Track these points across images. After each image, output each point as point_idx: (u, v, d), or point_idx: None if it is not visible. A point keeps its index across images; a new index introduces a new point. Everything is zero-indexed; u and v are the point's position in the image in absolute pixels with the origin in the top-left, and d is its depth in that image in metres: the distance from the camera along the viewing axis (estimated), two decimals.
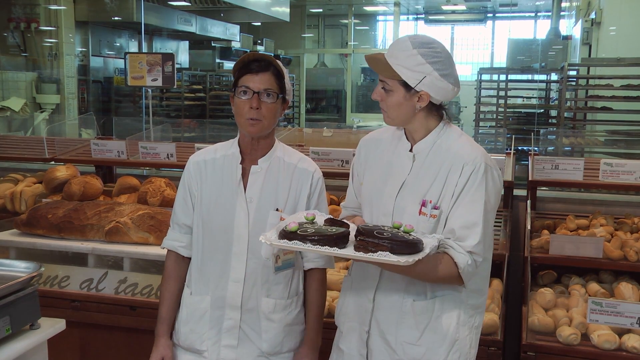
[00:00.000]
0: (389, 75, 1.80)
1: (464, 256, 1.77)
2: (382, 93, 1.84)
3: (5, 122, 8.11)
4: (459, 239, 1.78)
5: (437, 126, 1.88)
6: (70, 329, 2.26)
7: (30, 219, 3.18)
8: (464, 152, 1.83)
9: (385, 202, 1.90)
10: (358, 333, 1.95)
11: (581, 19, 9.10)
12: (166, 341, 2.08)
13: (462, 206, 1.79)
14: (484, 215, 1.78)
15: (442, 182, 1.82)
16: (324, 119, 14.51)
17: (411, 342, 1.86)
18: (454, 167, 1.81)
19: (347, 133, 6.53)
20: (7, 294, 1.96)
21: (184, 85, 10.88)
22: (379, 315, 1.90)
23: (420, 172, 1.86)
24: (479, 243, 1.78)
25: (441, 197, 1.82)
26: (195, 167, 2.08)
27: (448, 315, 1.86)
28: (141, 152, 3.79)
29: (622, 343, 2.45)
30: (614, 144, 7.25)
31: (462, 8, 15.76)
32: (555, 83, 9.61)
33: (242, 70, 1.96)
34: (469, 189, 1.79)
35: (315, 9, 15.47)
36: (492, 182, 1.82)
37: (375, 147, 2.01)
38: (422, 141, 1.88)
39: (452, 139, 1.87)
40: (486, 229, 1.80)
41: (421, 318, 1.85)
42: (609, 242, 2.93)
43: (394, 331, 1.87)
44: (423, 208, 1.82)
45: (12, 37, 8.81)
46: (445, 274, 1.77)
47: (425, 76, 1.77)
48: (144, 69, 4.76)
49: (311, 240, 1.63)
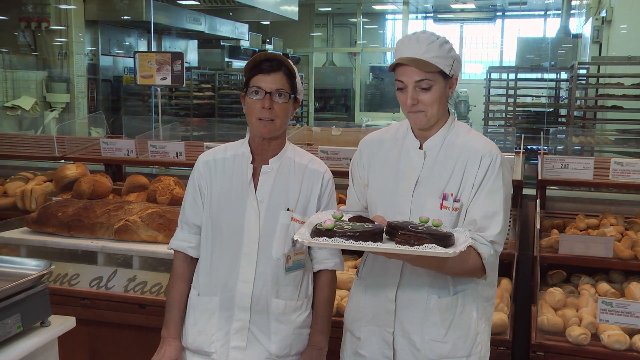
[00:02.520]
0: (432, 69, 1.81)
1: (487, 247, 1.80)
2: (417, 96, 1.82)
3: (16, 121, 8.17)
4: (481, 229, 1.81)
5: (445, 122, 1.91)
6: (80, 326, 2.27)
7: (41, 217, 3.20)
8: (480, 145, 1.87)
9: (401, 201, 1.89)
10: (380, 336, 1.92)
11: (591, 17, 9.04)
12: (176, 343, 2.04)
13: (482, 197, 1.83)
14: (504, 205, 1.82)
15: (460, 175, 1.85)
16: (333, 118, 14.49)
17: (438, 339, 1.86)
18: (471, 160, 1.85)
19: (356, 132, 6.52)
20: (19, 292, 1.98)
21: (193, 84, 10.91)
22: (403, 315, 1.88)
23: (435, 167, 1.88)
24: (501, 232, 1.82)
25: (461, 190, 1.84)
26: (205, 166, 2.07)
27: (469, 309, 1.88)
28: (150, 151, 3.80)
29: (632, 343, 2.44)
30: (624, 143, 7.20)
31: (472, 6, 15.69)
32: (565, 82, 9.56)
33: (253, 70, 1.96)
34: (488, 179, 1.83)
35: (324, 8, 15.46)
36: (507, 172, 1.88)
37: (379, 148, 2.00)
38: (432, 138, 1.90)
39: (462, 134, 1.91)
40: (506, 217, 1.84)
41: (446, 315, 1.86)
42: (619, 242, 2.91)
43: (419, 330, 1.86)
44: (444, 201, 1.84)
45: (22, 36, 8.87)
46: (473, 266, 1.79)
47: (454, 60, 1.84)
48: (153, 68, 4.77)
49: (352, 237, 1.60)
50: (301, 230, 1.70)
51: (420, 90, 1.82)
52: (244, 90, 1.99)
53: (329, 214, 1.79)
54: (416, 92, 1.83)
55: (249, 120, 1.99)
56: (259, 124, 1.96)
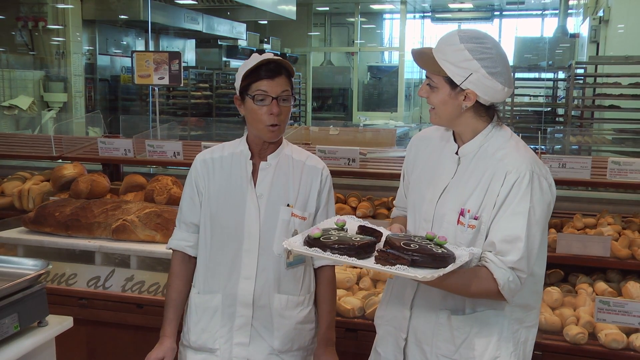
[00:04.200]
0: (434, 70, 1.69)
1: (505, 272, 1.65)
2: (427, 89, 1.74)
3: (13, 121, 8.15)
4: (500, 253, 1.66)
5: (485, 128, 1.76)
6: (77, 326, 2.27)
7: (38, 216, 3.19)
8: (509, 159, 1.70)
9: (427, 208, 1.81)
10: (394, 338, 1.90)
11: (589, 16, 9.05)
12: (172, 343, 2.05)
13: (504, 219, 1.67)
14: (527, 229, 1.65)
15: (483, 190, 1.71)
16: (331, 118, 14.49)
17: (447, 355, 1.78)
18: (496, 175, 1.69)
19: (354, 131, 6.53)
20: (16, 292, 1.97)
21: (191, 84, 10.89)
22: (416, 324, 1.84)
23: (464, 177, 1.76)
24: (522, 259, 1.65)
25: (482, 207, 1.70)
26: (202, 164, 2.07)
27: (489, 331, 1.76)
28: (148, 151, 3.80)
29: (629, 342, 2.44)
30: (621, 143, 7.22)
31: (469, 6, 15.72)
32: (562, 81, 9.57)
33: (254, 74, 1.93)
34: (512, 199, 1.66)
35: (321, 7, 15.45)
36: (539, 192, 1.68)
37: (425, 146, 1.91)
38: (468, 144, 1.77)
39: (499, 142, 1.75)
40: (531, 243, 1.66)
41: (458, 333, 1.77)
42: (617, 241, 2.92)
43: (430, 341, 1.81)
44: (461, 217, 1.72)
45: (20, 35, 8.85)
46: (482, 290, 1.66)
47: (471, 73, 1.64)
48: (150, 67, 4.76)
49: (331, 249, 1.61)
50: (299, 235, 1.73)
51: (428, 86, 1.73)
52: (244, 95, 1.96)
53: (333, 220, 1.79)
54: (426, 86, 1.74)
55: (255, 125, 1.97)
56: (267, 130, 1.95)
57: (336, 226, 1.76)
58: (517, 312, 1.79)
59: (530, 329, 1.84)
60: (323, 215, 2.04)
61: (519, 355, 1.79)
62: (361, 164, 3.37)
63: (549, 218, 1.76)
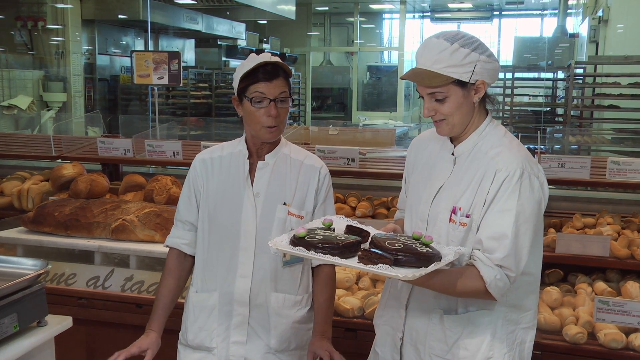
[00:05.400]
0: (441, 82, 1.69)
1: (492, 270, 1.65)
2: (434, 106, 1.74)
3: (13, 120, 8.15)
4: (487, 251, 1.67)
5: (479, 126, 1.79)
6: (76, 326, 2.27)
7: (37, 216, 3.19)
8: (501, 157, 1.72)
9: (422, 207, 1.83)
10: (391, 337, 1.91)
11: (588, 16, 9.06)
12: (157, 338, 2.04)
13: (492, 216, 1.68)
14: (514, 227, 1.65)
15: (475, 188, 1.72)
16: (330, 117, 14.50)
17: (440, 355, 1.79)
18: (487, 173, 1.71)
19: (353, 131, 6.54)
20: (15, 291, 1.97)
21: (190, 84, 10.89)
22: (411, 324, 1.85)
23: (458, 176, 1.77)
24: (508, 256, 1.65)
25: (473, 205, 1.72)
26: (201, 164, 2.08)
27: (482, 331, 1.76)
28: (147, 150, 3.79)
29: (629, 342, 2.45)
30: (621, 142, 7.23)
31: (469, 6, 15.73)
32: (562, 81, 9.58)
33: (251, 76, 1.93)
34: (500, 197, 1.68)
35: (321, 7, 15.46)
36: (529, 189, 1.68)
37: (424, 148, 1.92)
38: (463, 143, 1.79)
39: (493, 141, 1.77)
40: (519, 241, 1.66)
41: (450, 333, 1.77)
42: (616, 241, 2.92)
43: (424, 341, 1.82)
44: (453, 215, 1.74)
45: (19, 35, 8.85)
46: (469, 288, 1.67)
47: (475, 64, 1.69)
48: (150, 67, 4.76)
49: (315, 248, 1.62)
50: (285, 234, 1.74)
51: (435, 102, 1.73)
52: (242, 97, 1.96)
53: (320, 221, 1.80)
54: (432, 103, 1.73)
55: (253, 127, 1.98)
56: (266, 131, 1.96)
57: (323, 226, 1.77)
58: (512, 312, 1.78)
59: (528, 331, 1.83)
60: (320, 214, 2.04)
61: (514, 356, 1.79)
62: (360, 163, 3.38)
63: (542, 217, 1.75)
